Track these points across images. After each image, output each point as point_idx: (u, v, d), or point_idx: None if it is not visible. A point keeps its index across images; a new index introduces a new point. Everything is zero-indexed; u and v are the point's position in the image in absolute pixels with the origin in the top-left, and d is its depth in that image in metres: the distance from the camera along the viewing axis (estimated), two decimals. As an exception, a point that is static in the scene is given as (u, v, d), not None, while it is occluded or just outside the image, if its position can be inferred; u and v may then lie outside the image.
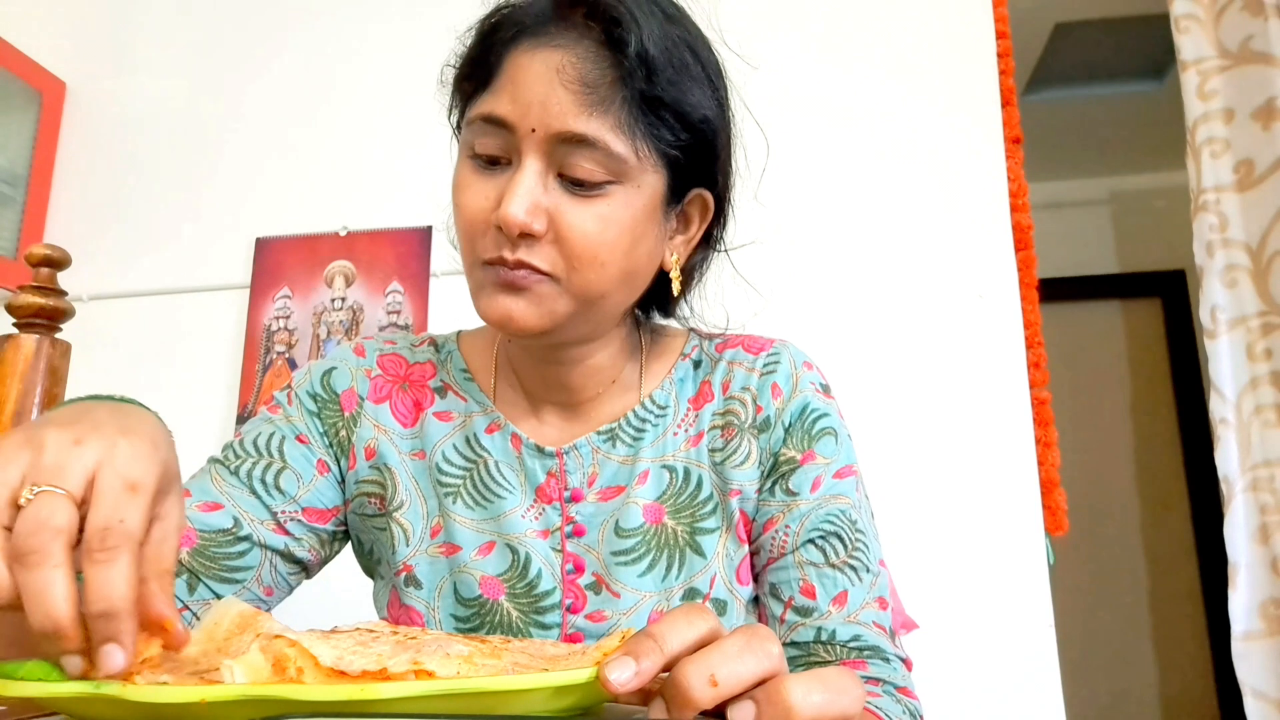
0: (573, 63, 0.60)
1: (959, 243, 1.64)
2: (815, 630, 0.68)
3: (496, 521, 0.72)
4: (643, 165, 0.63)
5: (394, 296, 1.79)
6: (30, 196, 1.90)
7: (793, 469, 0.72)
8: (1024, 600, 1.48)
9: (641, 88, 0.61)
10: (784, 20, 1.78)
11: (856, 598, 0.69)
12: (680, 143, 0.64)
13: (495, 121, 0.62)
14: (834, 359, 1.60)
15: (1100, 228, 3.45)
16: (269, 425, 0.74)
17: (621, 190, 0.62)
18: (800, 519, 0.71)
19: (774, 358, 0.76)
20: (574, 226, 0.61)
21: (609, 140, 0.60)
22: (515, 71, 0.62)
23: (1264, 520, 1.54)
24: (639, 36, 0.61)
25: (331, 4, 1.97)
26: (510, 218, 0.60)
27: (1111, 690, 3.10)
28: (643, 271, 0.68)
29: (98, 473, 0.39)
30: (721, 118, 0.68)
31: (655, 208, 0.65)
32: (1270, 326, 1.59)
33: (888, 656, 0.68)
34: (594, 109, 0.60)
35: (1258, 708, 1.49)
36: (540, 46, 0.62)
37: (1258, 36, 1.65)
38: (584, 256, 0.62)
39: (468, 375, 0.78)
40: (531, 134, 0.61)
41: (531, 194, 0.60)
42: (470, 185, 0.64)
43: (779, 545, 0.71)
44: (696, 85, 0.65)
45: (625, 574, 0.70)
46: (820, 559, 0.69)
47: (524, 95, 0.61)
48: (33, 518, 0.37)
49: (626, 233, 0.63)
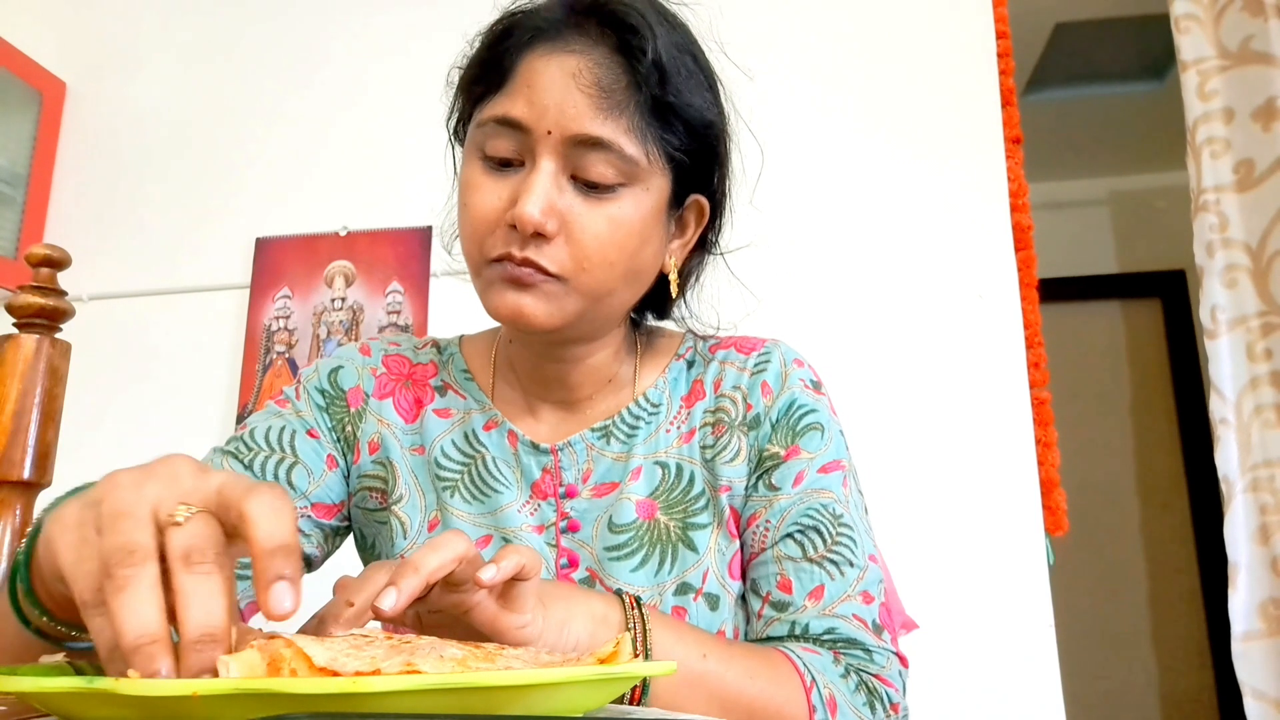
0: (589, 68, 0.62)
1: (959, 243, 1.64)
2: (790, 624, 0.68)
3: (493, 516, 0.73)
4: (652, 168, 0.65)
5: (394, 296, 1.79)
6: (30, 196, 1.90)
7: (777, 464, 0.73)
8: (1024, 600, 1.48)
9: (654, 93, 0.63)
10: (784, 22, 1.79)
11: (834, 592, 0.69)
12: (686, 147, 0.66)
13: (510, 123, 0.63)
14: (834, 359, 1.61)
15: (1100, 228, 3.45)
16: (279, 419, 0.75)
17: (631, 193, 0.64)
18: (781, 514, 0.71)
19: (765, 357, 0.77)
20: (586, 228, 0.63)
21: (623, 143, 0.62)
22: (531, 75, 0.63)
23: (1264, 520, 1.54)
24: (654, 44, 0.63)
25: (332, 4, 1.97)
26: (526, 216, 0.61)
27: (1111, 690, 3.10)
28: (647, 272, 0.70)
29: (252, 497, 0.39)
30: (722, 122, 0.71)
31: (661, 210, 0.67)
32: (1270, 326, 1.59)
33: (868, 648, 0.68)
34: (609, 113, 0.62)
35: (1258, 708, 1.49)
36: (556, 51, 0.63)
37: (1258, 36, 1.65)
38: (594, 257, 0.63)
39: (468, 375, 0.80)
40: (547, 136, 0.62)
41: (548, 194, 0.62)
42: (481, 185, 0.65)
43: (760, 540, 0.72)
44: (700, 91, 0.67)
45: (619, 569, 0.71)
46: (798, 553, 0.70)
47: (540, 98, 0.62)
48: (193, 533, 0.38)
49: (635, 234, 0.65)
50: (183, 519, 0.38)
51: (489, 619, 0.51)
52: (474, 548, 0.49)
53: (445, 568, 0.47)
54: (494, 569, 0.48)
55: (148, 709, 0.33)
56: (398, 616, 0.45)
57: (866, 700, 0.66)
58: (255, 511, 0.38)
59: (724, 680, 0.60)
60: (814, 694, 0.62)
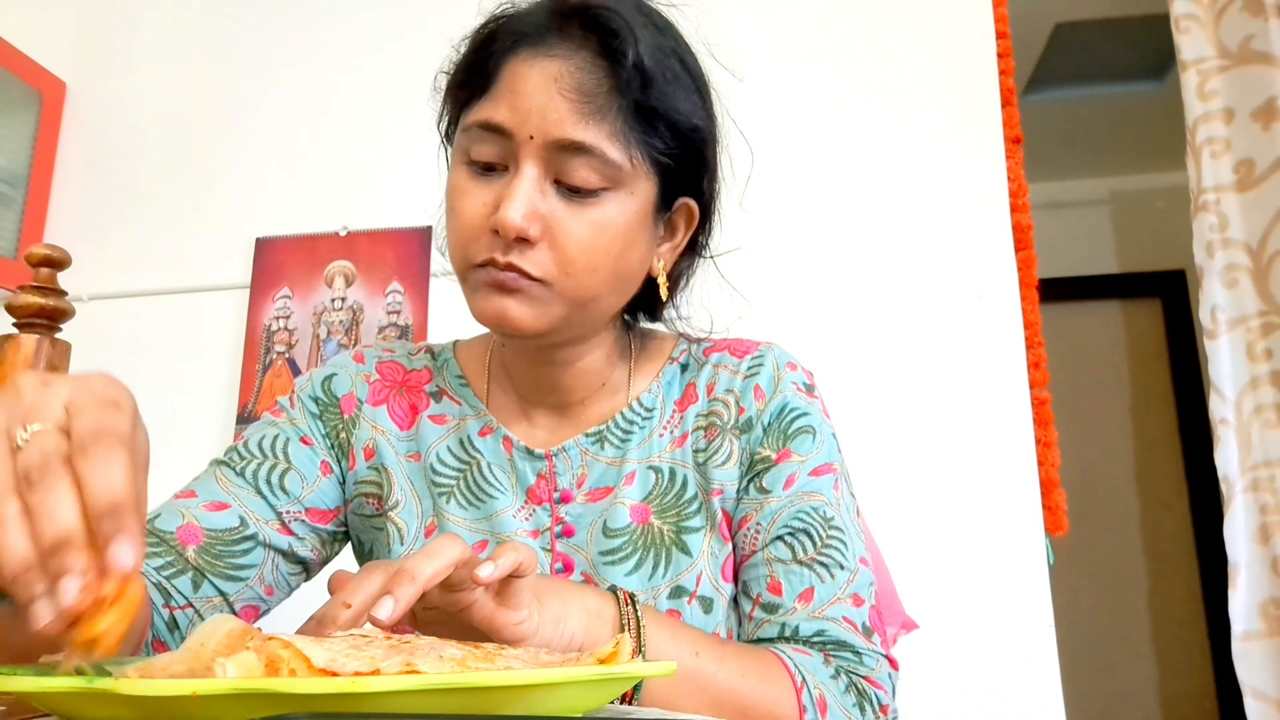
0: (571, 72, 0.62)
1: (959, 243, 1.64)
2: (779, 627, 0.68)
3: (489, 521, 0.73)
4: (636, 172, 0.65)
5: (394, 296, 1.79)
6: (30, 196, 1.90)
7: (768, 467, 0.73)
8: (1024, 600, 1.48)
9: (637, 97, 0.63)
10: (783, 20, 1.79)
11: (824, 594, 0.69)
12: (671, 151, 0.66)
13: (493, 128, 0.63)
14: (835, 360, 1.61)
15: (1100, 228, 3.45)
16: (273, 428, 0.76)
17: (615, 197, 0.64)
18: (772, 516, 0.71)
19: (758, 360, 0.77)
20: (569, 233, 0.63)
21: (605, 148, 0.62)
22: (514, 80, 0.63)
23: (1264, 520, 1.54)
24: (636, 48, 0.62)
25: (332, 4, 1.97)
26: (508, 222, 0.61)
27: (1111, 690, 3.09)
28: (633, 276, 0.70)
29: (74, 398, 0.39)
30: (709, 126, 0.70)
31: (646, 214, 0.67)
32: (1270, 326, 1.59)
33: (858, 651, 0.68)
34: (591, 118, 0.62)
35: (1258, 708, 1.49)
36: (538, 56, 0.63)
37: (1258, 36, 1.65)
38: (577, 261, 0.63)
39: (462, 381, 0.80)
40: (530, 141, 0.62)
41: (530, 199, 0.62)
42: (467, 191, 0.65)
43: (750, 543, 0.72)
44: (687, 95, 0.67)
45: (613, 573, 0.71)
46: (788, 556, 0.70)
47: (523, 103, 0.62)
48: (37, 449, 0.37)
49: (619, 238, 0.65)
50: (22, 442, 0.37)
51: (485, 615, 0.52)
52: (469, 551, 0.49)
53: (441, 574, 0.47)
54: (491, 566, 0.49)
55: (146, 709, 0.33)
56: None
57: (856, 701, 0.66)
58: (89, 456, 0.37)
59: (716, 678, 0.61)
60: (804, 694, 0.63)
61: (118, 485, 0.36)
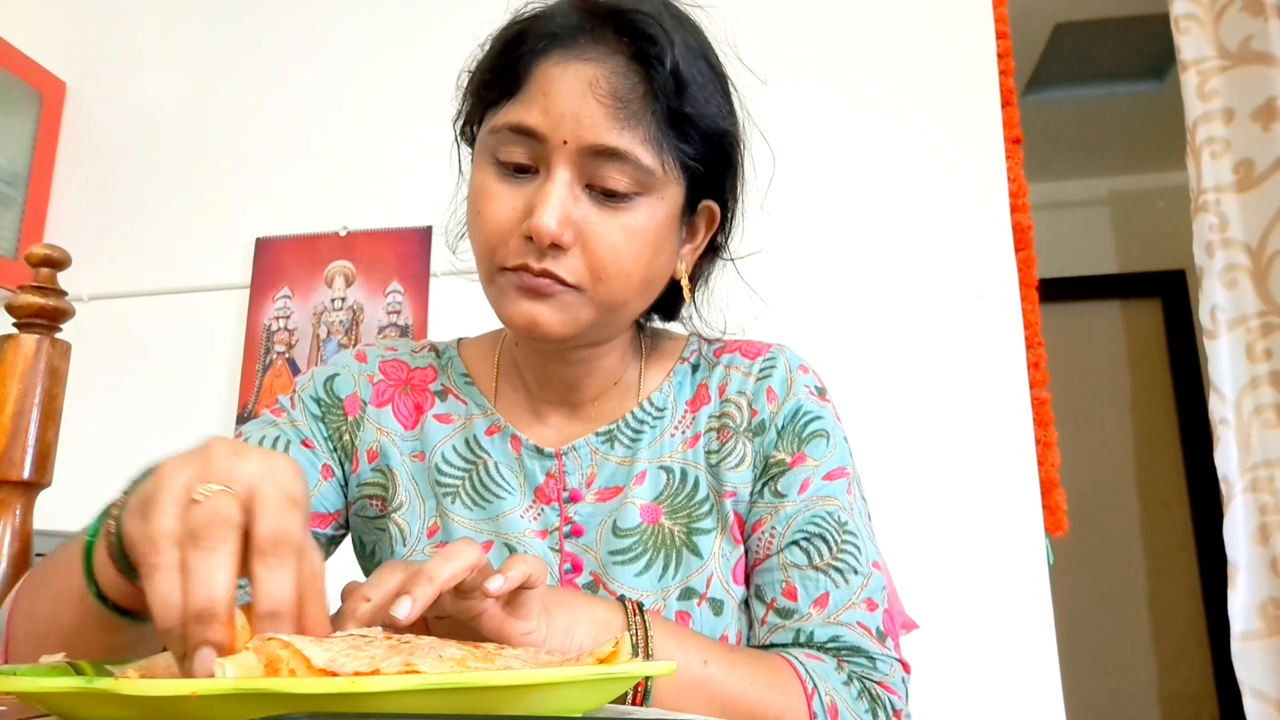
0: (605, 77, 0.61)
1: (959, 243, 1.64)
2: (794, 632, 0.68)
3: (495, 522, 0.73)
4: (667, 178, 0.64)
5: (394, 296, 1.79)
6: (30, 196, 1.90)
7: (782, 471, 0.73)
8: (1024, 600, 1.48)
9: (671, 104, 0.63)
10: (785, 23, 1.79)
11: (839, 599, 0.69)
12: (701, 155, 0.66)
13: (525, 131, 0.63)
14: (835, 360, 1.61)
15: (1100, 228, 3.45)
16: (273, 429, 0.75)
17: (646, 202, 0.64)
18: (786, 521, 0.71)
19: (770, 362, 0.77)
20: (601, 239, 0.63)
21: (639, 154, 0.62)
22: (546, 83, 0.62)
23: (1264, 520, 1.54)
24: (672, 53, 0.62)
25: (332, 5, 1.97)
26: (543, 228, 0.60)
27: (1111, 690, 3.09)
28: (660, 280, 0.69)
29: (261, 484, 0.41)
30: (736, 129, 0.70)
31: (674, 218, 0.67)
32: (1270, 326, 1.59)
33: (872, 656, 0.68)
34: (625, 123, 0.61)
35: (1258, 708, 1.49)
36: (571, 59, 0.62)
37: (1258, 36, 1.65)
38: (610, 268, 0.63)
39: (468, 379, 0.79)
40: (563, 145, 0.62)
41: (563, 205, 0.61)
42: (496, 193, 0.64)
43: (765, 547, 0.71)
44: (715, 98, 0.67)
45: (622, 573, 0.70)
46: (804, 561, 0.70)
47: (556, 107, 0.62)
48: (211, 509, 0.39)
49: (650, 243, 0.65)
50: (200, 498, 0.39)
51: (495, 626, 0.52)
52: (485, 556, 0.50)
53: (458, 576, 0.48)
54: (501, 579, 0.49)
55: (147, 709, 0.33)
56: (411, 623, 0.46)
57: (869, 707, 0.66)
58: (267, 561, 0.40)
59: (725, 686, 0.60)
60: (815, 700, 0.62)
61: (283, 595, 0.39)
